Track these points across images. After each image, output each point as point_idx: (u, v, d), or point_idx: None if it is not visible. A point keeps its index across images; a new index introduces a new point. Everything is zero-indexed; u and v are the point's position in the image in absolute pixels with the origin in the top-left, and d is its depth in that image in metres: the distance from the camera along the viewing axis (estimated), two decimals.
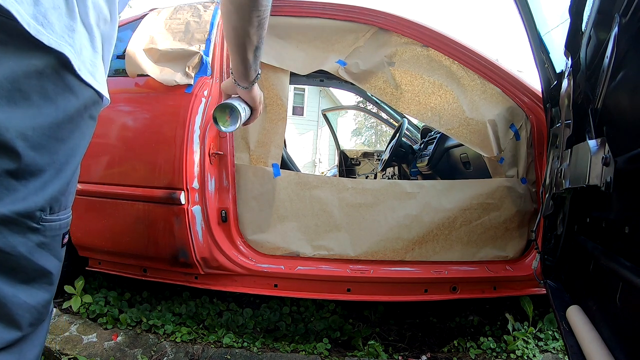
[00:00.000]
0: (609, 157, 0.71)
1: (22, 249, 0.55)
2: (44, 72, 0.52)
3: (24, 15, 0.48)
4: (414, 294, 1.53)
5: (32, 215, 0.55)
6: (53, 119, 0.54)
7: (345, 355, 1.47)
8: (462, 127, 1.59)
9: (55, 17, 0.52)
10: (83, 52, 0.57)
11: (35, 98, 0.52)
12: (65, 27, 0.54)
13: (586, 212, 1.03)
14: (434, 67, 1.61)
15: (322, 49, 1.64)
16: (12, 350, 0.56)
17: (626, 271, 0.69)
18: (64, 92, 0.55)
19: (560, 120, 1.17)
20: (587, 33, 0.98)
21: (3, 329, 0.54)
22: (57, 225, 0.60)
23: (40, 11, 0.50)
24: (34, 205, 0.54)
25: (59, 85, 0.54)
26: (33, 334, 0.60)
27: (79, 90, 0.57)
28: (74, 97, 0.57)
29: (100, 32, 0.61)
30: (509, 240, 1.58)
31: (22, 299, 0.56)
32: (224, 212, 1.46)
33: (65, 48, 0.53)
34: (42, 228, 0.57)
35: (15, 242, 0.54)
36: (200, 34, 1.50)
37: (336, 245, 1.54)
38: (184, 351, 1.41)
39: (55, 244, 0.61)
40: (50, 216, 0.58)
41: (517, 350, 1.49)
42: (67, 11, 0.54)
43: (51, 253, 0.60)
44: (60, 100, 0.55)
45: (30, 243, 0.56)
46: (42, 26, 0.50)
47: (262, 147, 1.57)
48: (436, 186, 1.61)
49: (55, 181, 0.57)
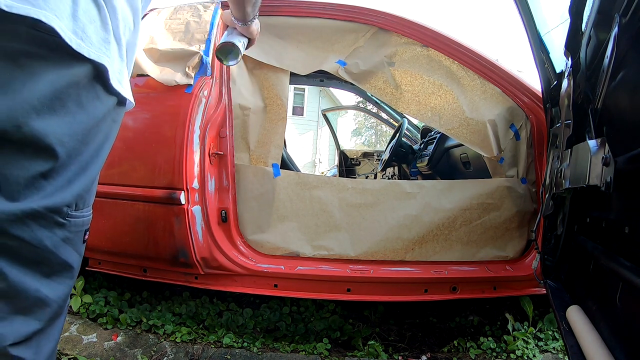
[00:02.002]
0: (609, 157, 0.71)
1: (48, 243, 0.58)
2: (81, 82, 0.56)
3: (66, 31, 0.52)
4: (414, 294, 1.53)
5: (59, 210, 0.58)
6: (85, 125, 0.59)
7: (345, 355, 1.47)
8: (462, 127, 1.59)
9: (92, 31, 0.56)
10: (114, 62, 0.62)
11: (71, 106, 0.56)
12: (102, 39, 0.58)
13: (586, 212, 1.03)
14: (434, 67, 1.61)
15: (322, 49, 1.64)
16: (31, 344, 0.58)
17: (626, 271, 0.69)
18: (94, 100, 0.59)
19: (560, 120, 1.17)
20: (587, 33, 0.98)
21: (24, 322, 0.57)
22: (80, 222, 0.63)
23: (79, 26, 0.54)
24: (61, 201, 0.58)
25: (90, 93, 0.58)
26: (50, 328, 0.62)
27: (105, 97, 0.62)
28: (100, 103, 0.61)
29: (126, 41, 0.65)
30: (509, 240, 1.58)
31: (44, 293, 0.58)
32: (224, 212, 1.46)
33: (104, 59, 0.58)
34: (68, 223, 0.60)
35: (42, 236, 0.57)
36: (200, 34, 1.50)
37: (336, 245, 1.54)
38: (184, 351, 1.41)
39: (78, 240, 0.64)
40: (75, 212, 0.62)
41: (517, 350, 1.49)
42: (102, 25, 0.58)
43: (74, 248, 0.63)
44: (90, 107, 0.59)
45: (56, 237, 0.59)
46: (81, 40, 0.54)
47: (262, 147, 1.57)
48: (436, 186, 1.61)
49: (80, 179, 0.61)
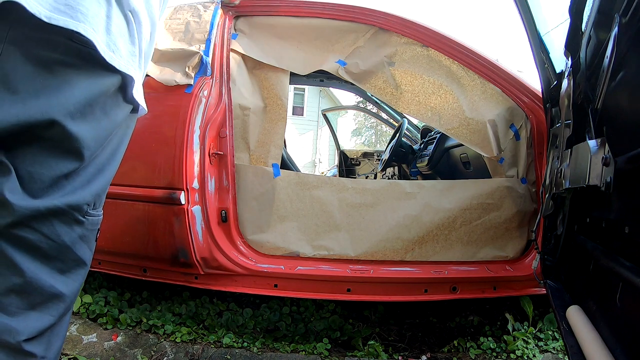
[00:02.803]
0: (609, 157, 0.71)
1: (66, 239, 0.61)
2: (109, 91, 0.60)
3: (101, 44, 0.55)
4: (414, 294, 1.53)
5: (80, 208, 0.61)
6: (108, 131, 0.63)
7: (345, 355, 1.47)
8: (462, 127, 1.59)
9: (122, 44, 0.59)
10: (138, 73, 0.65)
11: (98, 113, 0.60)
12: (130, 52, 0.61)
13: (586, 212, 1.03)
14: (434, 67, 1.61)
15: (322, 49, 1.64)
16: (42, 340, 0.59)
17: (626, 271, 0.69)
18: (116, 108, 0.63)
19: (560, 120, 1.17)
20: (587, 33, 0.98)
21: (38, 318, 0.58)
22: (96, 220, 0.67)
23: (111, 39, 0.57)
24: (82, 199, 0.61)
25: (115, 101, 0.62)
26: (60, 324, 0.64)
27: (124, 105, 0.66)
28: (120, 111, 0.65)
29: (145, 52, 0.69)
30: (509, 240, 1.58)
31: (58, 289, 0.61)
32: (224, 212, 1.46)
33: (132, 71, 0.61)
34: (86, 221, 0.63)
35: (61, 232, 0.60)
36: (200, 34, 1.50)
37: (336, 245, 1.54)
38: (184, 351, 1.41)
39: (92, 237, 0.67)
40: (93, 211, 0.65)
41: (517, 350, 1.49)
42: (130, 38, 0.61)
43: (88, 245, 0.66)
44: (113, 115, 0.63)
45: (74, 234, 0.62)
46: (113, 52, 0.57)
47: (262, 147, 1.57)
48: (436, 186, 1.61)
49: (99, 179, 0.65)
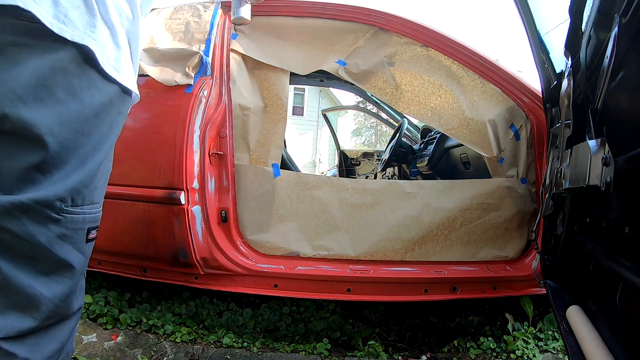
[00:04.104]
0: (609, 157, 0.71)
1: (42, 239, 0.56)
2: (69, 67, 0.55)
3: (46, 15, 0.51)
4: (414, 294, 1.53)
5: (51, 204, 0.55)
6: (79, 114, 0.57)
7: (345, 355, 1.47)
8: (462, 127, 1.59)
9: (77, 16, 0.55)
10: (106, 47, 0.59)
11: (61, 94, 0.54)
12: (87, 23, 0.56)
13: (586, 212, 1.03)
14: (434, 67, 1.61)
15: (322, 49, 1.64)
16: (26, 342, 0.56)
17: (626, 271, 0.69)
18: (89, 88, 0.58)
19: (560, 120, 1.17)
20: (587, 33, 0.98)
21: (17, 318, 0.55)
22: (80, 219, 0.60)
23: (60, 11, 0.53)
24: (52, 194, 0.55)
25: (83, 80, 0.57)
26: (52, 329, 0.60)
27: (103, 86, 0.60)
28: (98, 92, 0.59)
29: (124, 30, 0.64)
30: (509, 240, 1.58)
31: (37, 290, 0.56)
32: (224, 212, 1.46)
33: (88, 41, 0.56)
34: (64, 219, 0.57)
35: (34, 231, 0.55)
36: (200, 34, 1.50)
37: (336, 245, 1.54)
38: (184, 351, 1.41)
39: (78, 238, 0.61)
40: (73, 208, 0.59)
41: (517, 350, 1.49)
42: (87, 9, 0.57)
43: (74, 246, 0.60)
44: (86, 96, 0.57)
45: (51, 233, 0.56)
46: (64, 24, 0.53)
47: (262, 147, 1.57)
48: (436, 186, 1.61)
49: (77, 173, 0.59)
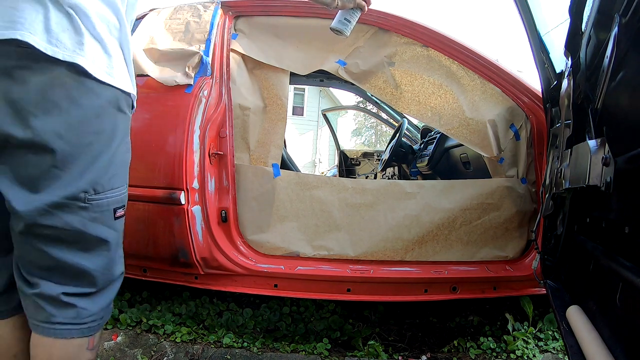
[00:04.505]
0: (609, 157, 0.71)
1: (77, 224, 0.71)
2: (66, 81, 0.66)
3: (40, 42, 0.62)
4: (414, 294, 1.53)
5: (77, 197, 0.69)
6: (81, 117, 0.68)
7: (345, 355, 1.47)
8: (462, 127, 1.59)
9: (66, 37, 0.65)
10: (96, 59, 0.69)
11: (64, 104, 0.66)
12: (76, 42, 0.66)
13: (586, 212, 1.03)
14: (434, 67, 1.61)
15: (322, 49, 1.64)
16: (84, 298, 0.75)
17: (626, 271, 0.69)
18: (87, 94, 0.68)
19: (560, 120, 1.17)
20: (587, 33, 0.98)
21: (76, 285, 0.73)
22: (105, 203, 0.74)
23: (52, 36, 0.64)
24: (76, 189, 0.69)
25: (80, 90, 0.67)
26: (104, 291, 0.78)
27: (100, 91, 0.70)
28: (95, 96, 0.69)
29: (115, 38, 0.74)
30: (509, 240, 1.58)
31: (84, 265, 0.73)
32: (224, 212, 1.46)
33: (77, 59, 0.66)
34: (90, 206, 0.72)
35: (70, 219, 0.70)
36: (200, 34, 1.50)
37: (336, 245, 1.54)
38: (183, 351, 1.41)
39: (107, 218, 0.75)
40: (96, 195, 0.72)
41: (517, 350, 1.49)
42: (74, 31, 0.66)
43: (105, 225, 0.75)
44: (84, 101, 0.68)
45: (83, 219, 0.71)
46: (56, 47, 0.64)
47: (262, 147, 1.57)
48: (436, 186, 1.61)
49: (92, 166, 0.71)
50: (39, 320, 0.73)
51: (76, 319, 0.74)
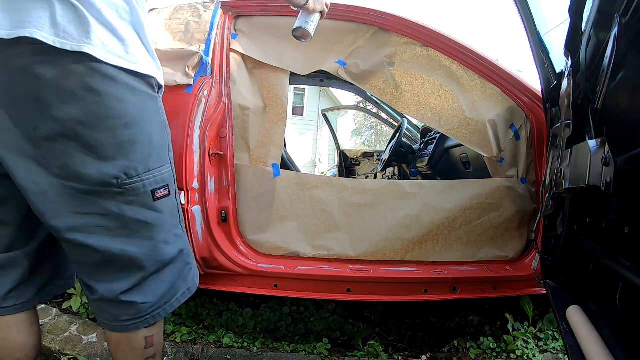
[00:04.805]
0: (609, 157, 0.71)
1: (115, 209, 0.72)
2: (78, 70, 0.67)
3: (48, 37, 0.64)
4: (414, 294, 1.53)
5: (110, 183, 0.71)
6: (99, 103, 0.69)
7: (345, 355, 1.47)
8: (462, 127, 1.59)
9: (73, 29, 0.67)
10: (107, 44, 0.69)
11: (80, 92, 0.67)
12: (83, 32, 0.67)
13: (586, 212, 1.03)
14: (434, 67, 1.61)
15: (322, 49, 1.64)
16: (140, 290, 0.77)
17: (626, 271, 0.69)
18: (102, 80, 0.69)
19: (560, 120, 1.17)
20: (587, 33, 0.98)
21: (126, 276, 0.75)
22: (140, 186, 0.74)
23: (59, 29, 0.66)
24: (106, 176, 0.70)
25: (95, 76, 0.68)
26: (159, 274, 0.79)
27: (115, 75, 0.70)
28: (111, 81, 0.70)
29: (127, 22, 0.74)
30: (509, 240, 1.58)
31: (128, 250, 0.74)
32: (224, 212, 1.46)
33: (85, 47, 0.67)
34: (125, 190, 0.72)
35: (107, 205, 0.72)
36: (200, 34, 1.50)
37: (336, 245, 1.54)
38: (183, 351, 1.41)
39: (145, 200, 0.76)
40: (130, 179, 0.73)
41: (517, 350, 1.49)
42: (80, 21, 0.67)
43: (143, 207, 0.75)
44: (100, 87, 0.69)
45: (119, 203, 0.72)
46: (64, 39, 0.65)
47: (262, 147, 1.57)
48: (436, 186, 1.61)
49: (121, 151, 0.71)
50: (106, 320, 0.78)
51: (139, 314, 0.78)
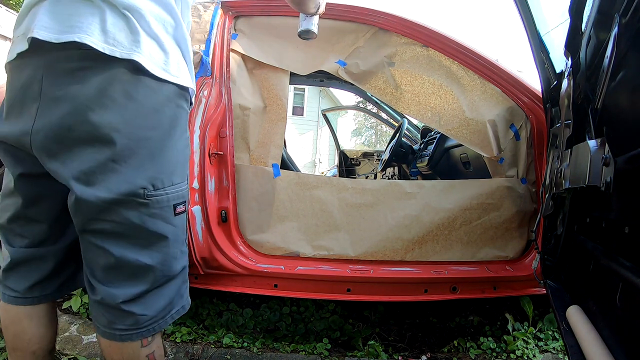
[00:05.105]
0: (609, 157, 0.71)
1: (136, 220, 0.72)
2: (123, 78, 0.68)
3: (98, 43, 0.66)
4: (414, 294, 1.53)
5: (136, 193, 0.70)
6: (138, 112, 0.70)
7: (345, 355, 1.47)
8: (462, 127, 1.59)
9: (123, 37, 0.68)
10: (153, 55, 0.71)
11: (121, 99, 0.68)
12: (132, 41, 0.69)
13: (586, 212, 1.03)
14: (434, 67, 1.61)
15: (322, 49, 1.64)
16: (141, 301, 0.75)
17: (626, 271, 0.69)
18: (145, 90, 0.70)
19: (560, 120, 1.17)
20: (587, 33, 0.98)
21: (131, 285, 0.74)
22: (164, 199, 0.75)
23: (109, 36, 0.67)
24: (134, 186, 0.70)
25: (137, 86, 0.69)
26: (161, 289, 0.77)
27: (157, 87, 0.72)
28: (152, 92, 0.71)
29: (171, 36, 0.76)
30: (509, 240, 1.58)
31: (142, 261, 0.73)
32: (224, 212, 1.46)
33: (135, 56, 0.68)
34: (150, 202, 0.72)
35: (129, 215, 0.71)
36: (200, 34, 1.50)
37: (336, 245, 1.54)
38: (183, 351, 1.41)
39: (166, 214, 0.76)
40: (156, 192, 0.73)
41: (517, 350, 1.49)
42: (130, 30, 0.69)
43: (164, 220, 0.75)
44: (142, 97, 0.70)
45: (142, 215, 0.72)
46: (113, 46, 0.67)
47: (262, 147, 1.57)
48: (436, 186, 1.61)
49: (151, 163, 0.72)
50: (101, 324, 0.76)
51: (135, 325, 0.75)
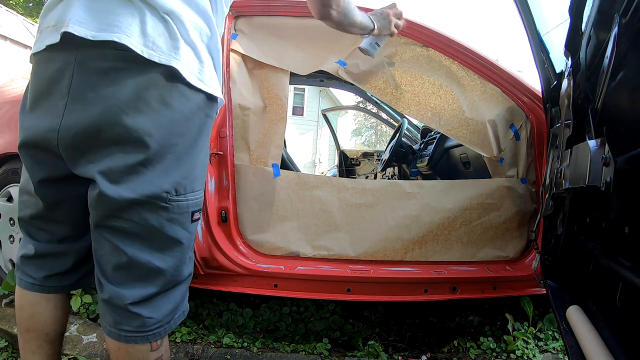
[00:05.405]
0: (609, 157, 0.71)
1: (154, 223, 0.72)
2: (159, 83, 0.68)
3: (137, 45, 0.65)
4: (414, 294, 1.53)
5: (159, 196, 0.71)
6: (171, 119, 0.70)
7: (345, 355, 1.47)
8: (462, 127, 1.59)
9: (162, 42, 0.68)
10: (190, 63, 0.71)
11: (155, 104, 0.68)
12: (171, 47, 0.69)
13: (586, 212, 1.03)
14: (434, 67, 1.61)
15: (322, 49, 1.64)
16: (149, 304, 0.75)
17: (626, 271, 0.69)
18: (179, 98, 0.70)
19: (560, 120, 1.17)
20: (587, 33, 0.98)
21: (141, 287, 0.73)
22: (185, 205, 0.75)
23: (149, 40, 0.66)
24: (159, 189, 0.70)
25: (173, 92, 0.69)
26: (169, 293, 0.77)
27: (191, 95, 0.72)
28: (186, 100, 0.71)
29: (205, 45, 0.75)
30: (509, 240, 1.58)
31: (155, 264, 0.73)
32: (224, 212, 1.46)
33: (173, 62, 0.68)
34: (171, 207, 0.73)
35: (148, 217, 0.71)
36: None
37: (336, 245, 1.54)
38: (183, 351, 1.41)
39: (184, 219, 0.76)
40: (177, 197, 0.73)
41: (517, 350, 1.49)
42: (170, 35, 0.69)
43: (181, 226, 0.76)
44: (176, 104, 0.70)
45: (161, 218, 0.72)
46: (152, 50, 0.66)
47: (262, 147, 1.57)
48: (436, 186, 1.61)
49: (177, 167, 0.72)
50: (107, 323, 0.75)
51: (141, 328, 0.74)
